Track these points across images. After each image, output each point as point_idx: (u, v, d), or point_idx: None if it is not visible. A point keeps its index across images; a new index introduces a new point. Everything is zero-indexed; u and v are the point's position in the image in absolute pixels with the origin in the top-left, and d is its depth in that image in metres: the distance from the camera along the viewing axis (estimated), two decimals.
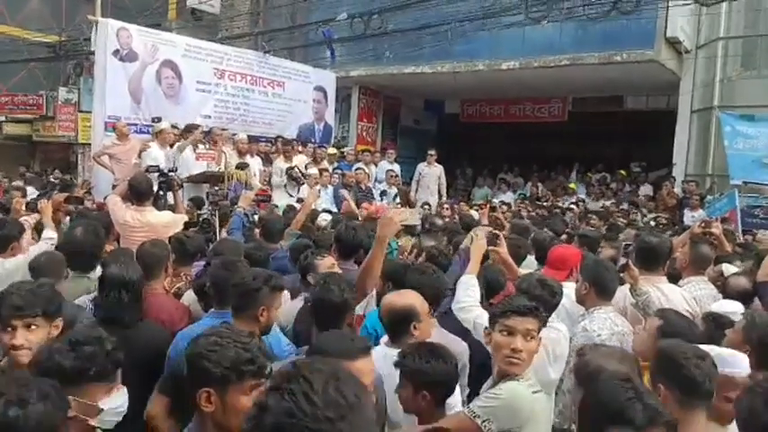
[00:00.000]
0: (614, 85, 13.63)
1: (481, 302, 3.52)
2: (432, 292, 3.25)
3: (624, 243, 4.10)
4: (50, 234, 4.76)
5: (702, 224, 5.51)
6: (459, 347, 3.14)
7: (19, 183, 11.11)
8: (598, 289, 3.57)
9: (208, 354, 1.91)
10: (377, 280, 3.66)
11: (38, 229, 5.21)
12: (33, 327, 2.48)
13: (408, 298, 3.03)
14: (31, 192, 10.34)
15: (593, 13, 9.43)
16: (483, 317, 3.11)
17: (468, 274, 3.73)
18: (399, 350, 2.69)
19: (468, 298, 3.48)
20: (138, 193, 5.24)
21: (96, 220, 5.06)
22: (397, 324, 2.97)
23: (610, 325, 3.39)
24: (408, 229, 6.34)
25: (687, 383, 2.24)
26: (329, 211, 8.32)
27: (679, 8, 10.38)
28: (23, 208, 6.26)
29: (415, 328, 2.93)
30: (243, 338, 1.97)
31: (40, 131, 17.78)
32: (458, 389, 2.75)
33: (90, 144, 10.64)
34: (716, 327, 3.06)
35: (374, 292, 3.83)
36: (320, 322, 2.91)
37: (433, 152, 12.32)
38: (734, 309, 3.49)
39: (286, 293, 4.15)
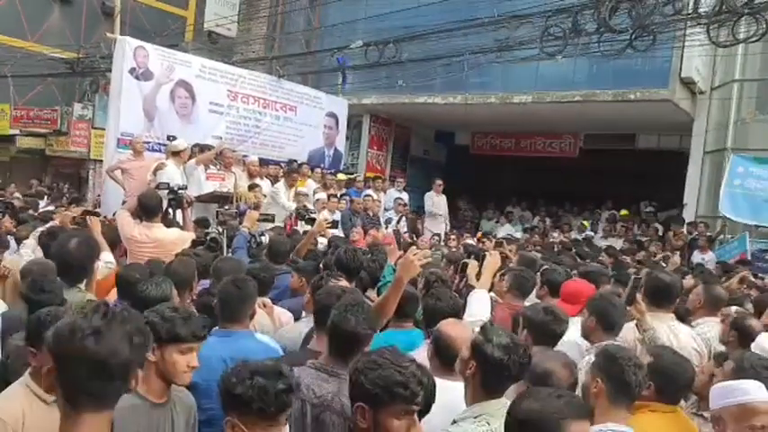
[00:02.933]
0: (627, 124, 13.64)
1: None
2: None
3: (634, 277, 4.03)
4: (109, 257, 4.70)
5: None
6: None
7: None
8: (604, 324, 3.56)
9: (366, 371, 2.06)
10: (388, 317, 3.64)
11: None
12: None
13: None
14: (43, 204, 10.39)
15: (607, 50, 9.44)
16: None
17: (480, 289, 3.99)
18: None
19: (479, 312, 3.71)
20: (147, 209, 5.24)
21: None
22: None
23: None
24: None
25: (622, 384, 2.58)
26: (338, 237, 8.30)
27: (695, 48, 10.41)
28: (12, 226, 6.45)
29: None
30: (402, 362, 2.10)
31: (54, 146, 17.91)
32: None
33: (102, 161, 10.67)
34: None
35: None
36: (334, 348, 2.83)
37: (440, 182, 12.32)
38: None
39: (290, 314, 4.11)
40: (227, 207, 6.22)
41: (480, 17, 11.09)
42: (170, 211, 6.00)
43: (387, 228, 10.59)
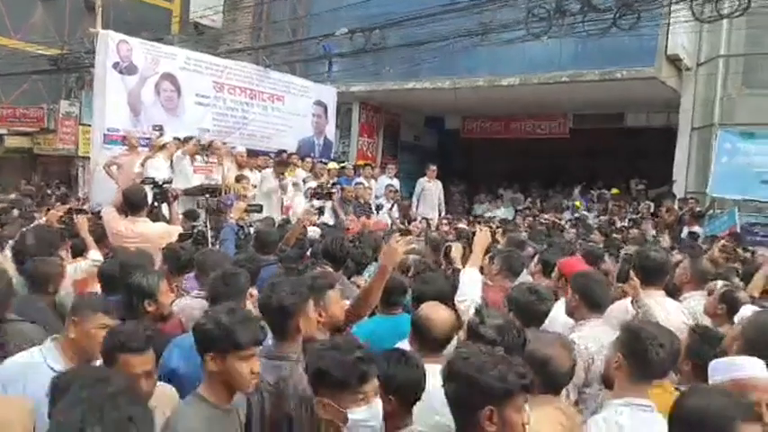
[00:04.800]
0: (615, 102, 13.64)
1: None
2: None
3: (625, 254, 4.06)
4: (96, 256, 4.72)
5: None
6: None
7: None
8: (587, 302, 3.55)
9: (480, 371, 2.01)
10: (374, 305, 3.68)
11: None
12: None
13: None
14: (29, 203, 10.36)
15: (593, 30, 9.42)
16: None
17: (471, 267, 3.98)
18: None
19: (471, 292, 3.73)
20: (132, 203, 5.23)
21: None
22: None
23: (598, 337, 3.34)
24: None
25: (643, 361, 2.56)
26: (326, 225, 8.32)
27: (680, 25, 10.39)
28: None
29: None
30: (495, 353, 2.15)
31: (41, 144, 17.84)
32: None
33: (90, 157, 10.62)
34: (702, 341, 3.00)
35: None
36: (275, 332, 2.84)
37: (433, 167, 12.30)
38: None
39: None
40: (207, 196, 6.18)
41: (464, 0, 11.03)
42: (155, 205, 5.98)
43: (378, 214, 10.62)
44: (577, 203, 13.34)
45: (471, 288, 3.81)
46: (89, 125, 12.51)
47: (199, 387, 2.43)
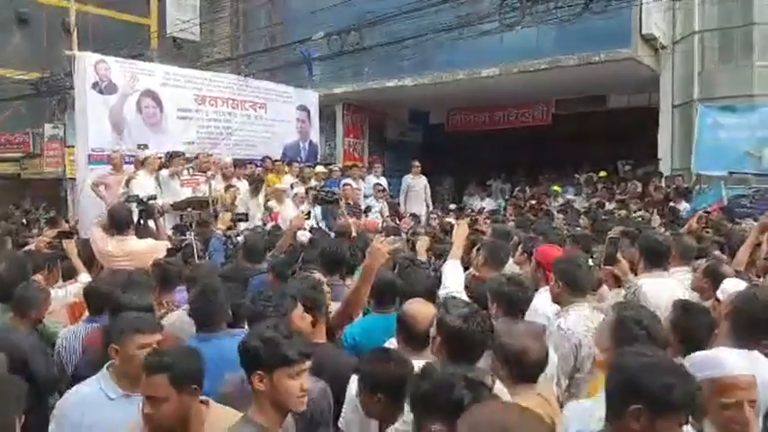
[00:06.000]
0: (595, 86, 13.70)
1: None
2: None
3: (609, 237, 4.10)
4: (87, 278, 4.76)
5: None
6: None
7: None
8: (571, 286, 3.58)
9: (646, 372, 1.92)
10: (363, 306, 3.74)
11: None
12: None
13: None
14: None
15: (565, 16, 9.47)
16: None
17: (451, 259, 4.03)
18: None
19: (453, 284, 3.77)
20: (117, 222, 5.26)
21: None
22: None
23: (584, 322, 3.39)
24: None
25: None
26: (319, 228, 8.35)
27: (653, 5, 10.47)
28: None
29: None
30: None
31: (29, 169, 17.78)
32: None
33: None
34: (684, 313, 3.05)
35: None
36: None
37: (417, 163, 12.37)
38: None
39: None
40: (190, 209, 6.21)
41: None
42: (141, 222, 6.01)
43: (367, 215, 10.65)
44: (556, 188, 13.35)
45: (453, 280, 3.86)
46: (74, 146, 12.53)
47: (249, 410, 2.33)
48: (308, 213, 8.08)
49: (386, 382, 2.52)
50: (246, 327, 3.17)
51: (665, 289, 3.97)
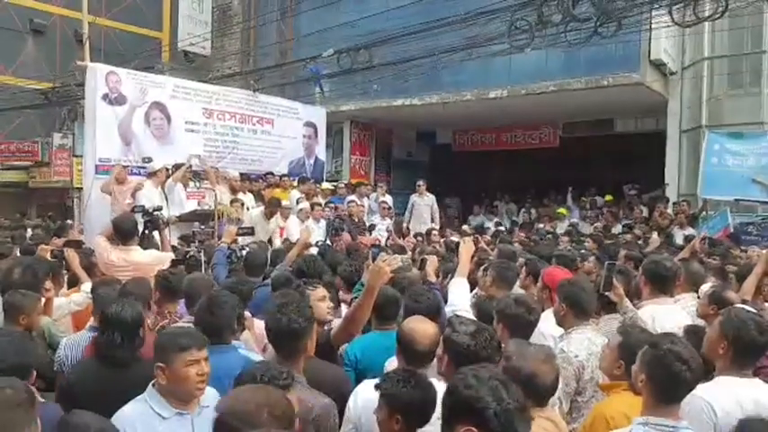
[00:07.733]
0: (603, 109, 13.73)
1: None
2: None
3: (608, 263, 4.06)
4: (89, 287, 4.68)
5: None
6: None
7: None
8: (575, 309, 3.57)
9: None
10: (363, 324, 3.70)
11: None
12: None
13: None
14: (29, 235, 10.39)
15: (575, 40, 9.51)
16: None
17: (458, 276, 4.08)
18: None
19: (459, 301, 3.83)
20: (122, 232, 5.27)
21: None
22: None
23: (587, 345, 3.37)
24: None
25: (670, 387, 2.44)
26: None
27: (662, 30, 10.50)
28: None
29: None
30: None
31: (37, 178, 17.91)
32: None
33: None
34: (694, 339, 3.02)
35: None
36: (276, 346, 2.91)
37: (421, 182, 12.42)
38: None
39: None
40: (204, 226, 6.23)
41: (448, 16, 11.14)
42: (146, 233, 6.01)
43: (371, 233, 10.66)
44: (562, 210, 13.34)
45: (460, 298, 3.85)
46: (82, 156, 12.60)
47: None
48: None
49: (407, 406, 2.47)
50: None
51: (670, 315, 3.94)
